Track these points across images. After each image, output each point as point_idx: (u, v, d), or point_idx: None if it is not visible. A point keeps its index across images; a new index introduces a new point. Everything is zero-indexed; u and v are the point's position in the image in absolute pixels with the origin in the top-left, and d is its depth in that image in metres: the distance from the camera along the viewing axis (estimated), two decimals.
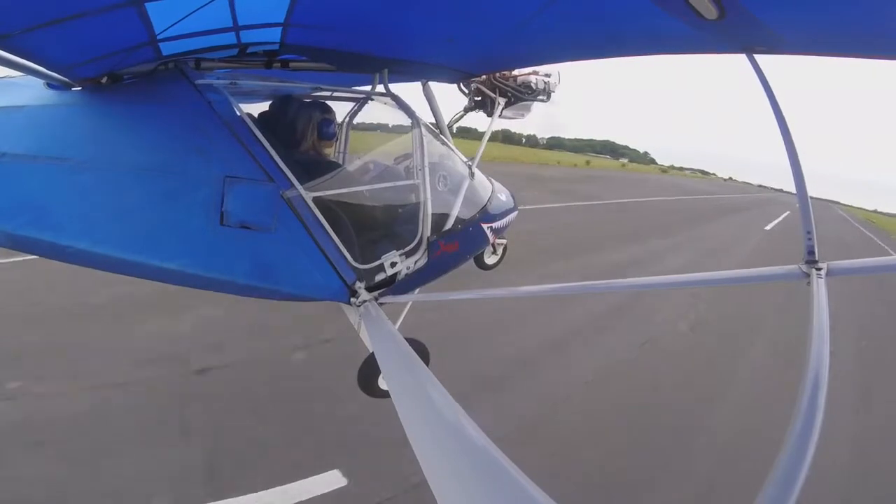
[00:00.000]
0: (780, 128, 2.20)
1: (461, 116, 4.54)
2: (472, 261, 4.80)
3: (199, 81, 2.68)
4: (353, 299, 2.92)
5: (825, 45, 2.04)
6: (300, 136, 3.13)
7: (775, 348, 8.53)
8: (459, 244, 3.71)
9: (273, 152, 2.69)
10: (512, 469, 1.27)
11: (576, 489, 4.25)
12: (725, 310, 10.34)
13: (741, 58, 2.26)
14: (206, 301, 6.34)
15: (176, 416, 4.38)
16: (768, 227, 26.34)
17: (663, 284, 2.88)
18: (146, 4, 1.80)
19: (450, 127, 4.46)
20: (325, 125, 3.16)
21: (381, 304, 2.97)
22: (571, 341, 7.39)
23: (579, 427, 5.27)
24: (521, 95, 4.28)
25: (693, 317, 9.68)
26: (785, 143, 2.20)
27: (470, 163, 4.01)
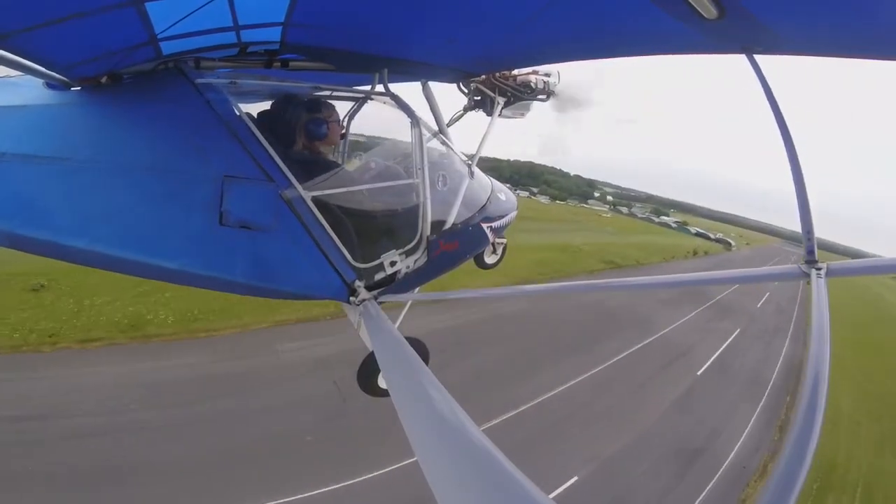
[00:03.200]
0: (780, 128, 2.21)
1: (461, 116, 4.54)
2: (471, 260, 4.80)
3: (199, 81, 2.68)
4: (352, 298, 2.92)
5: (824, 46, 2.04)
6: (296, 134, 3.13)
7: None
8: (459, 243, 3.71)
9: (272, 152, 2.69)
10: (512, 469, 1.27)
11: None
12: None
13: (740, 61, 2.26)
14: None
15: None
16: None
17: (666, 284, 2.88)
18: (146, 4, 1.81)
19: (449, 126, 4.46)
20: (317, 124, 3.16)
21: (380, 303, 2.97)
22: None
23: None
24: (521, 95, 4.28)
25: None
26: (784, 143, 2.20)
27: (469, 162, 4.01)
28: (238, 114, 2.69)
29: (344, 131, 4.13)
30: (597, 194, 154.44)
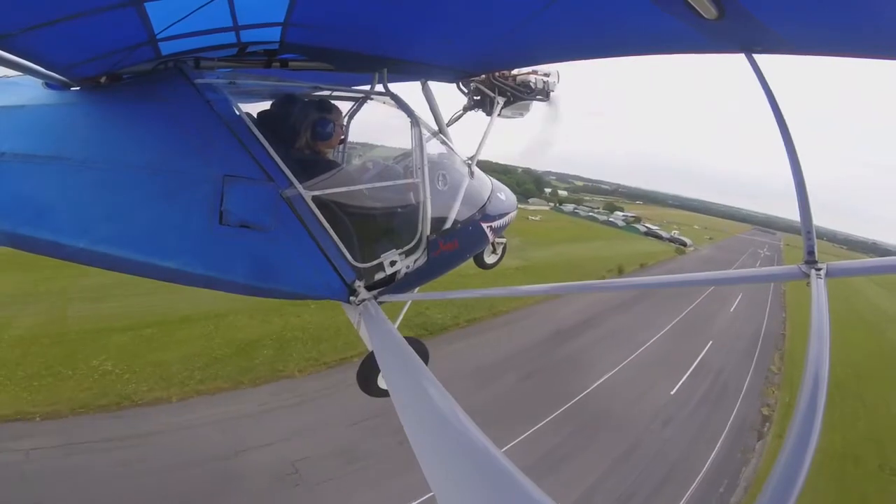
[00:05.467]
0: (780, 128, 2.20)
1: (460, 116, 4.53)
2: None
3: (199, 81, 2.68)
4: (352, 298, 2.92)
5: (824, 45, 2.04)
6: (299, 134, 3.13)
7: None
8: (459, 243, 3.71)
9: (272, 151, 2.69)
10: (512, 469, 1.27)
11: None
12: None
13: (739, 60, 2.26)
14: None
15: None
16: None
17: (664, 284, 2.88)
18: (146, 4, 1.80)
19: (449, 126, 4.45)
20: (323, 124, 3.16)
21: (380, 303, 2.98)
22: None
23: None
24: (520, 95, 4.27)
25: None
26: (784, 143, 2.20)
27: (469, 161, 4.01)
28: (238, 113, 2.69)
29: (344, 131, 4.13)
30: (548, 190, 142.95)
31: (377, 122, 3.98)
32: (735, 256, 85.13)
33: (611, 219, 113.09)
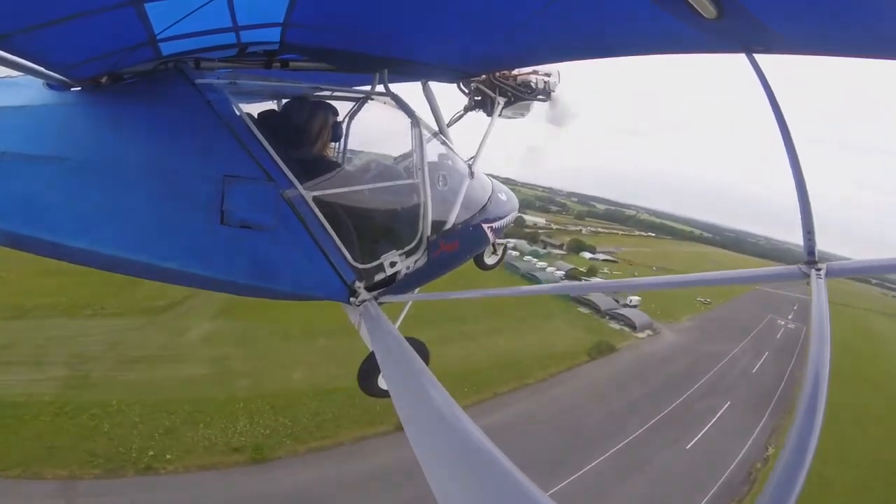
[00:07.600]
0: (780, 127, 2.20)
1: (461, 116, 4.53)
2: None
3: (199, 81, 2.68)
4: (352, 299, 2.92)
5: (824, 45, 2.04)
6: (299, 135, 3.13)
7: None
8: (459, 244, 3.70)
9: (273, 152, 2.69)
10: (512, 469, 1.26)
11: None
12: None
13: (740, 61, 2.26)
14: None
15: None
16: None
17: (665, 284, 2.88)
18: (146, 4, 1.81)
19: (450, 126, 4.45)
20: (319, 124, 3.17)
21: (380, 304, 2.98)
22: None
23: None
24: (521, 95, 4.26)
25: None
26: (784, 143, 2.19)
27: (470, 162, 4.00)
28: (238, 114, 2.69)
29: (344, 132, 4.12)
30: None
31: (377, 122, 3.98)
32: (715, 360, 45.46)
33: (537, 272, 69.77)
